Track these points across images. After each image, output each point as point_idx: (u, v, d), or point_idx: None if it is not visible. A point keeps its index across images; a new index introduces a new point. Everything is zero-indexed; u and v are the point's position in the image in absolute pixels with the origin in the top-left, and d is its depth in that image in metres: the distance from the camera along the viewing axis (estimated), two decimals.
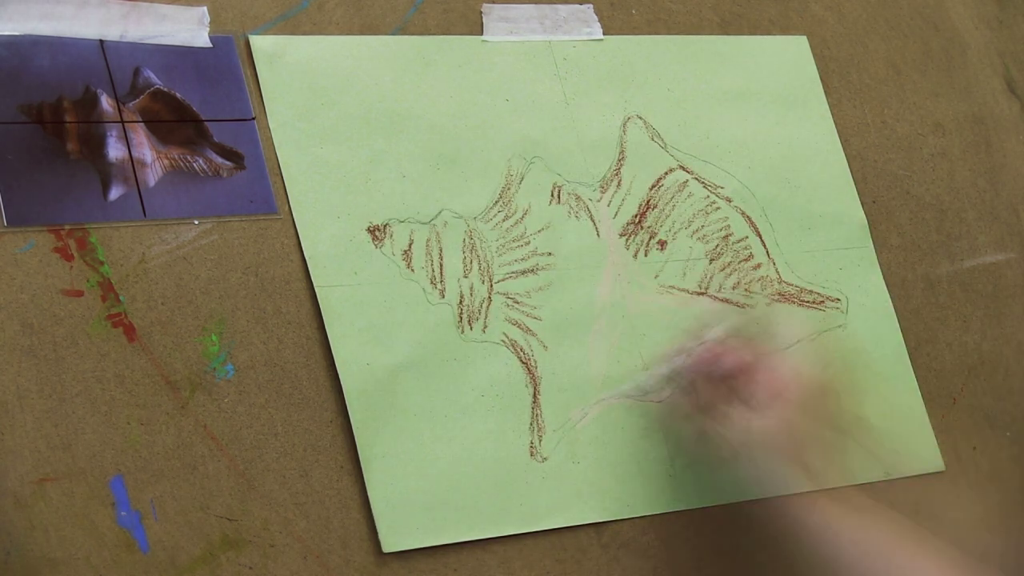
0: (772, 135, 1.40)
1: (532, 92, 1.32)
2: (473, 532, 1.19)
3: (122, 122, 1.16)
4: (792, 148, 1.40)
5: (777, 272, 1.36)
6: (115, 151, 1.15)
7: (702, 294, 1.33)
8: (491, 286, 1.25)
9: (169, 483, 1.11)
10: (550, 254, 1.28)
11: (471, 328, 1.23)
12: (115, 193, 1.15)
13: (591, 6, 1.36)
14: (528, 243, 1.28)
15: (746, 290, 1.34)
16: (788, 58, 1.43)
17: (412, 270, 1.23)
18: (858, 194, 1.42)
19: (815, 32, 1.46)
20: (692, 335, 1.27)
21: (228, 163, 1.19)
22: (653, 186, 1.34)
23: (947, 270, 1.45)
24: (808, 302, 1.36)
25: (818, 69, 1.44)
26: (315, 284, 1.19)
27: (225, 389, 1.14)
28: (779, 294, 1.35)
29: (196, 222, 1.17)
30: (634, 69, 1.36)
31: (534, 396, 1.24)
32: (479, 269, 1.25)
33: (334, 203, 1.22)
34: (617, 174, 1.33)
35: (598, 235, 1.30)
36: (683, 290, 1.32)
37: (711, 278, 1.33)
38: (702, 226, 1.34)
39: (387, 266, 1.22)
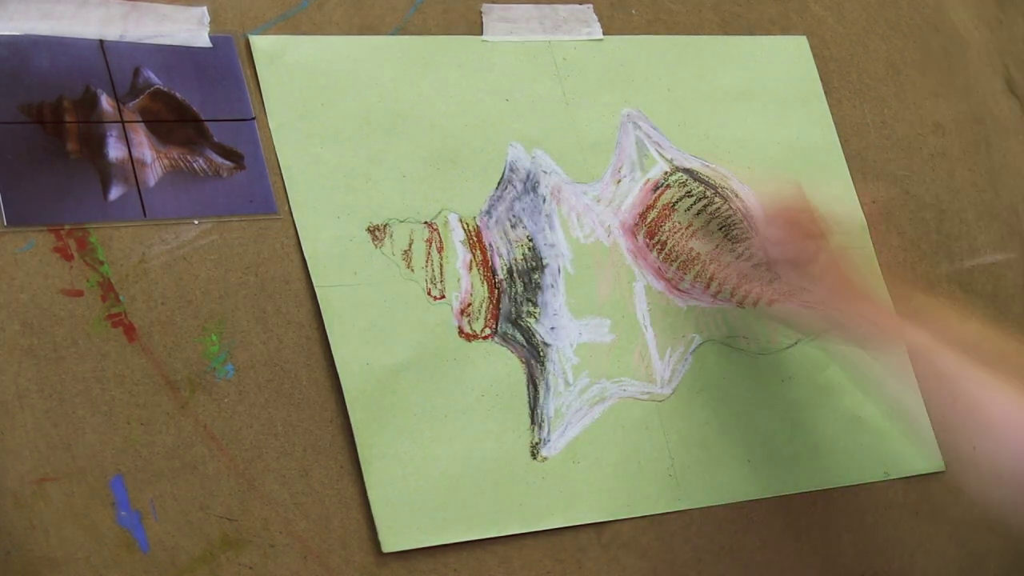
0: (772, 135, 1.40)
1: (532, 92, 1.32)
2: (473, 532, 1.19)
3: (122, 122, 1.16)
4: (792, 148, 1.41)
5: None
6: (115, 151, 1.15)
7: (703, 294, 1.33)
8: (491, 286, 1.25)
9: (169, 483, 1.11)
10: (550, 254, 1.28)
11: (471, 328, 1.24)
12: (115, 193, 1.15)
13: (591, 6, 1.36)
14: (528, 243, 1.28)
15: (746, 290, 1.34)
16: (788, 58, 1.43)
17: (412, 270, 1.23)
18: (858, 194, 1.42)
19: (815, 32, 1.46)
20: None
21: (228, 163, 1.19)
22: (653, 186, 1.34)
23: (947, 270, 1.45)
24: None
25: (818, 69, 1.45)
26: (315, 284, 1.19)
27: (225, 389, 1.14)
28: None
29: (196, 222, 1.17)
30: (634, 69, 1.36)
31: (534, 396, 1.24)
32: (479, 269, 1.25)
33: (334, 203, 1.22)
34: (617, 174, 1.33)
35: (598, 235, 1.30)
36: (683, 290, 1.32)
37: (712, 278, 1.33)
38: (702, 226, 1.34)
39: (387, 266, 1.22)
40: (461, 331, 1.23)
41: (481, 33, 1.32)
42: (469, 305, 1.24)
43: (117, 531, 1.09)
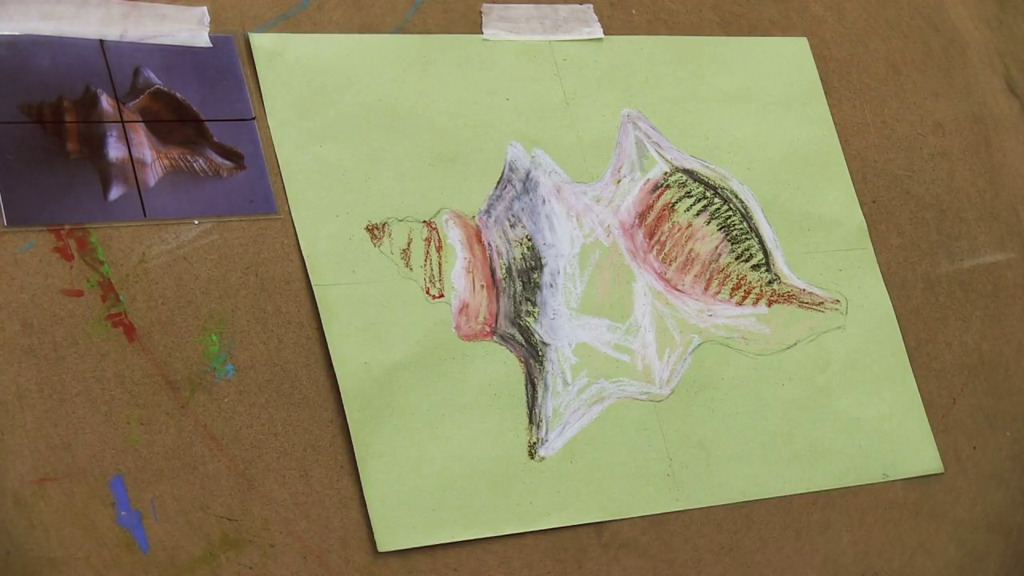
0: (772, 136, 1.40)
1: (532, 92, 1.32)
2: (470, 532, 1.19)
3: (122, 122, 1.17)
4: (792, 149, 1.41)
5: (776, 273, 1.36)
6: (115, 151, 1.15)
7: (702, 295, 1.33)
8: (490, 285, 1.25)
9: (169, 483, 1.11)
10: (549, 254, 1.28)
11: (469, 327, 1.23)
12: (115, 193, 1.15)
13: (591, 6, 1.36)
14: (527, 242, 1.28)
15: (745, 292, 1.34)
16: (788, 59, 1.43)
17: (411, 269, 1.23)
18: (858, 194, 1.42)
19: (815, 32, 1.46)
20: None
21: (228, 163, 1.19)
22: (653, 187, 1.34)
23: (947, 270, 1.45)
24: (808, 303, 1.36)
25: (818, 69, 1.44)
26: (313, 283, 1.19)
27: (225, 389, 1.15)
28: (779, 295, 1.35)
29: (196, 222, 1.17)
30: (634, 69, 1.36)
31: (532, 395, 1.24)
32: (478, 268, 1.25)
33: (333, 202, 1.22)
34: (617, 174, 1.33)
35: (598, 235, 1.30)
36: (683, 291, 1.32)
37: (711, 279, 1.33)
38: (701, 227, 1.34)
39: (386, 265, 1.22)
40: (459, 330, 1.23)
41: (481, 33, 1.32)
42: (468, 304, 1.24)
43: (117, 531, 1.09)
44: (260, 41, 1.23)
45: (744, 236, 1.35)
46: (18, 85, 1.14)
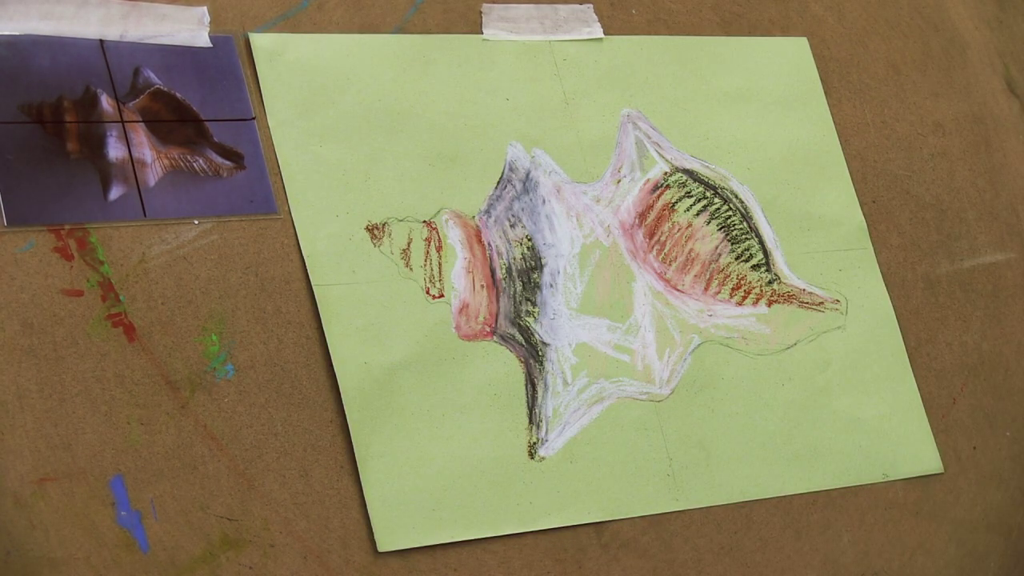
0: (772, 136, 1.40)
1: (532, 92, 1.32)
2: (470, 532, 1.19)
3: (122, 122, 1.17)
4: (792, 149, 1.41)
5: (776, 273, 1.36)
6: (115, 151, 1.15)
7: (702, 295, 1.33)
8: (490, 285, 1.25)
9: (169, 483, 1.11)
10: (549, 254, 1.28)
11: (469, 327, 1.24)
12: (115, 193, 1.15)
13: (591, 6, 1.36)
14: (527, 242, 1.28)
15: (745, 292, 1.34)
16: (788, 59, 1.43)
17: (411, 269, 1.23)
18: (858, 194, 1.42)
19: (815, 32, 1.46)
20: None
21: (228, 163, 1.19)
22: (653, 187, 1.34)
23: (947, 270, 1.45)
24: (808, 303, 1.36)
25: (818, 69, 1.45)
26: (313, 283, 1.19)
27: (225, 389, 1.15)
28: (779, 295, 1.35)
29: (196, 222, 1.17)
30: (634, 69, 1.37)
31: (532, 395, 1.24)
32: (478, 268, 1.25)
33: (333, 202, 1.22)
34: (617, 174, 1.33)
35: (598, 235, 1.30)
36: (683, 291, 1.32)
37: (711, 279, 1.33)
38: (701, 227, 1.34)
39: (385, 265, 1.22)
40: (459, 330, 1.23)
41: (481, 33, 1.32)
42: (468, 304, 1.24)
43: (117, 531, 1.09)
44: (260, 41, 1.23)
45: (744, 236, 1.35)
46: (18, 85, 1.14)
